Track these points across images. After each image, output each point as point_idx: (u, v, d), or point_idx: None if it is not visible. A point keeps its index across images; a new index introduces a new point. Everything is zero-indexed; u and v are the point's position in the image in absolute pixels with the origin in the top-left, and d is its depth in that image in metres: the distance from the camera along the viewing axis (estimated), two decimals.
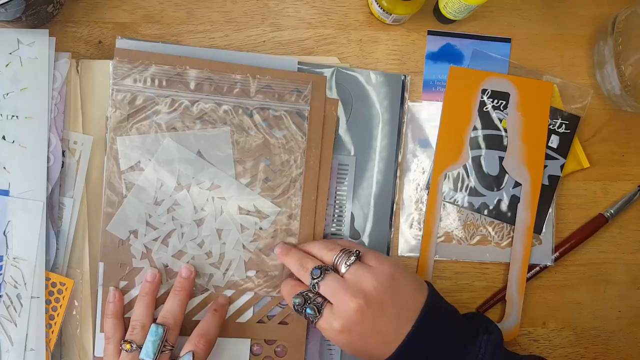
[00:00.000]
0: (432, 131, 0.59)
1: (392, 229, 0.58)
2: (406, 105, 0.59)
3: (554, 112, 0.59)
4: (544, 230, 0.59)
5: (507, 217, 0.59)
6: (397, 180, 0.59)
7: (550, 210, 0.59)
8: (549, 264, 0.59)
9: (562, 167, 0.59)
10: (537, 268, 0.59)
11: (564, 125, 0.59)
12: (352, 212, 0.57)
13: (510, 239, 0.59)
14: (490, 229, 0.59)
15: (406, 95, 0.59)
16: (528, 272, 0.59)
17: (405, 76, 0.59)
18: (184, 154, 0.53)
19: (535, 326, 0.60)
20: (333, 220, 0.57)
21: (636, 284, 0.61)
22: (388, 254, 0.58)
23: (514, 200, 0.59)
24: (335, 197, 0.57)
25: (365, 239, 0.58)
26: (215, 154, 0.54)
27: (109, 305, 0.51)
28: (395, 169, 0.58)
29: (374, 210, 0.58)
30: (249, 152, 0.54)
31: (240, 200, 0.54)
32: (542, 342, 0.60)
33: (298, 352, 0.55)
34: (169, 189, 0.53)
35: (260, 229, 0.54)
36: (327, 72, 0.57)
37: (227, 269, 0.54)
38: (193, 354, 0.47)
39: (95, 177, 0.54)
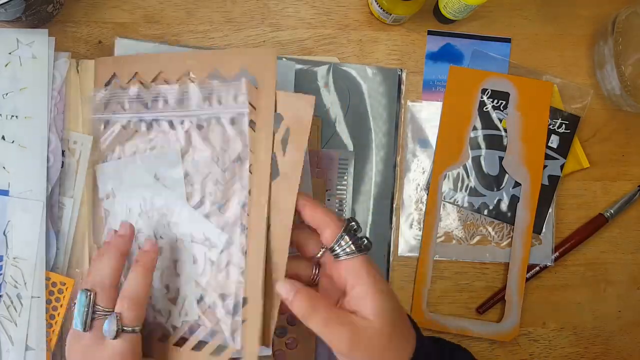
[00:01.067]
0: (432, 131, 0.59)
1: (393, 223, 0.58)
2: (402, 99, 0.59)
3: (554, 112, 0.59)
4: (544, 230, 0.59)
5: (507, 217, 0.59)
6: (397, 170, 0.58)
7: (550, 210, 0.59)
8: (549, 264, 0.59)
9: (562, 167, 0.59)
10: (537, 268, 0.59)
11: (563, 125, 0.59)
12: (352, 207, 0.58)
13: (510, 239, 0.59)
14: (490, 229, 0.59)
15: (402, 88, 0.59)
16: (528, 272, 0.59)
17: (401, 70, 0.59)
18: (144, 178, 0.49)
19: (535, 326, 0.60)
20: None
21: (636, 284, 0.61)
22: (389, 249, 0.58)
23: (514, 200, 0.59)
24: (336, 192, 0.57)
25: (366, 233, 0.58)
26: (169, 176, 0.48)
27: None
28: (394, 162, 0.58)
29: (374, 204, 0.58)
30: (197, 168, 0.47)
31: (191, 227, 0.47)
32: (542, 342, 0.60)
33: (309, 344, 0.55)
34: (134, 215, 0.49)
35: (211, 261, 0.46)
36: (324, 68, 0.57)
37: (182, 307, 0.47)
38: (117, 316, 0.42)
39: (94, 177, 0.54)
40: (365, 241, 0.44)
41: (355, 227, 0.44)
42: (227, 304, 0.45)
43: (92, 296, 0.42)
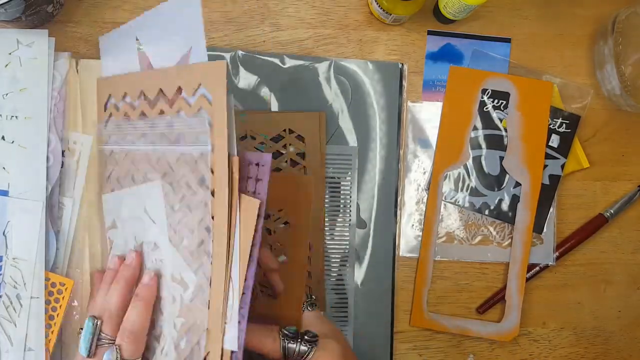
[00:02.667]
0: (432, 131, 0.59)
1: (398, 218, 0.58)
2: (404, 93, 0.59)
3: (554, 112, 0.59)
4: (545, 230, 0.59)
5: (509, 217, 0.59)
6: (400, 165, 0.59)
7: (551, 209, 0.59)
8: (550, 263, 0.59)
9: (562, 166, 0.59)
10: (537, 268, 0.59)
11: (564, 125, 0.59)
12: (357, 203, 0.58)
13: (511, 238, 0.59)
14: (491, 229, 0.59)
15: (404, 83, 0.59)
16: (528, 271, 0.59)
17: (402, 64, 0.59)
18: (136, 211, 0.48)
19: (535, 326, 0.60)
20: (339, 210, 0.57)
21: (636, 284, 0.61)
22: (394, 245, 0.58)
23: (515, 200, 0.59)
24: (340, 187, 0.57)
25: (371, 228, 0.58)
26: (154, 209, 0.47)
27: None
28: (397, 157, 0.58)
29: (378, 199, 0.58)
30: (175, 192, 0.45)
31: (172, 265, 0.45)
32: (542, 342, 0.60)
33: None
34: (128, 248, 0.49)
35: (185, 303, 0.45)
36: (325, 64, 0.57)
37: (163, 348, 0.45)
38: (117, 348, 0.43)
39: (94, 177, 0.54)
40: (312, 334, 0.46)
41: (286, 332, 0.45)
42: (194, 340, 0.44)
43: (98, 324, 0.44)
